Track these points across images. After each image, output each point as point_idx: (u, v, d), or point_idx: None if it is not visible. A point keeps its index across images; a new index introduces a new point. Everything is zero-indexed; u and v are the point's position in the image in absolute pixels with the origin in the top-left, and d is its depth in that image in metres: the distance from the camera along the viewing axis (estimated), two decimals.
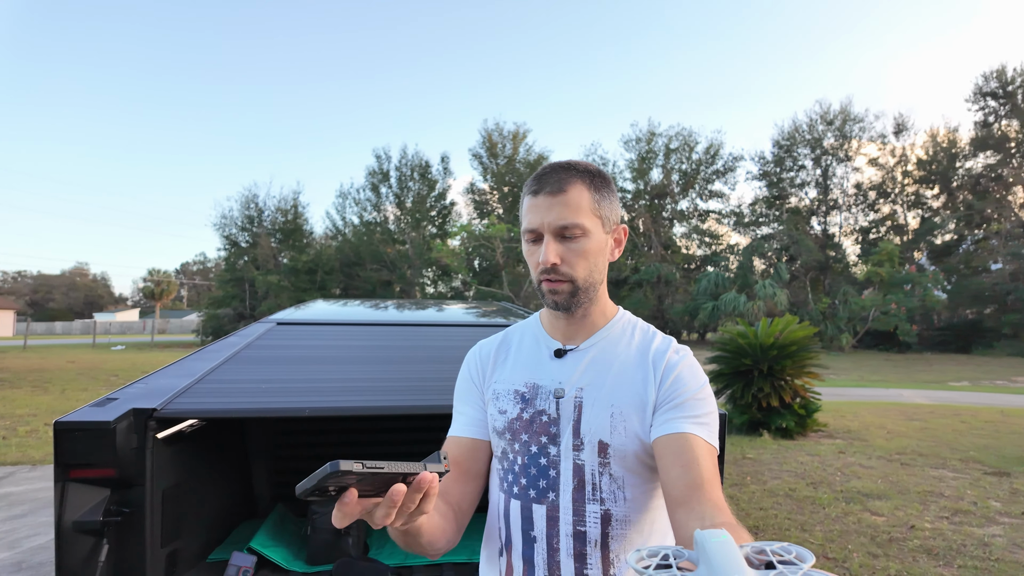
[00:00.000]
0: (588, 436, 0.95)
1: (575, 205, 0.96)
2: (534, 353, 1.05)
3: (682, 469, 0.87)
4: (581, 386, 0.98)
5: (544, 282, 0.98)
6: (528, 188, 1.00)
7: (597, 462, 0.95)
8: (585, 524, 0.94)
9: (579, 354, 1.02)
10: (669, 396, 0.96)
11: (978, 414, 8.85)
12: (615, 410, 0.96)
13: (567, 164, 1.00)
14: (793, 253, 29.75)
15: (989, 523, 4.19)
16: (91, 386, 11.82)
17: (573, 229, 0.96)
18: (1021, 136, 27.25)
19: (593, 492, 0.95)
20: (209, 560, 2.32)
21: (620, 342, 1.03)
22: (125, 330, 51.31)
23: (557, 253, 0.96)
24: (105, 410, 1.75)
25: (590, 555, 0.93)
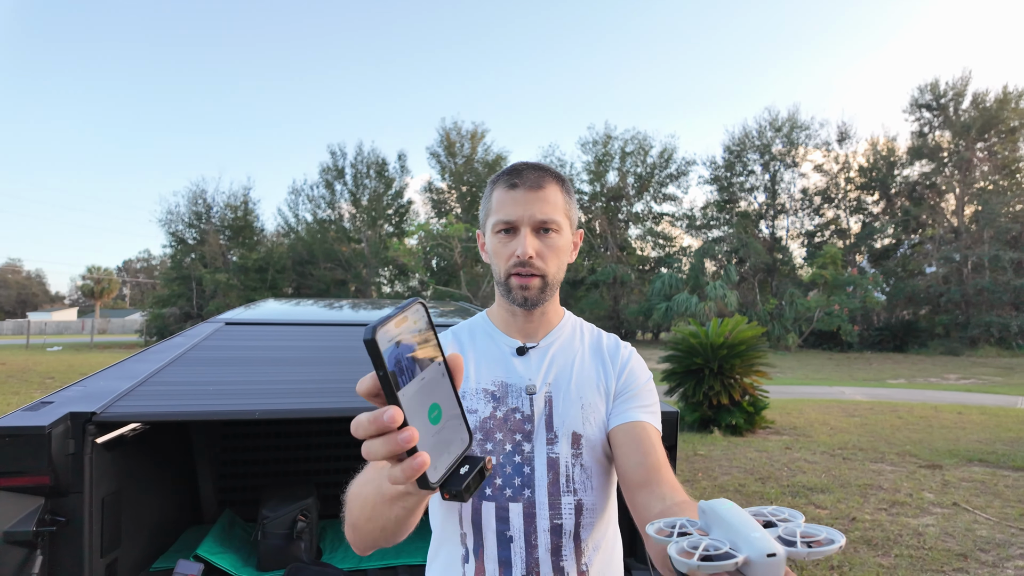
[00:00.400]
0: (562, 429, 0.98)
1: (553, 202, 1.00)
2: (494, 351, 1.05)
3: (642, 455, 0.92)
4: (549, 381, 1.02)
5: (515, 276, 0.99)
6: (503, 182, 1.01)
7: (571, 453, 0.98)
8: (561, 516, 0.96)
9: (541, 351, 1.05)
10: (625, 388, 1.03)
11: (913, 410, 9.31)
12: (585, 401, 1.00)
13: (540, 164, 1.03)
14: (742, 256, 30.67)
15: (923, 514, 4.41)
16: (23, 389, 11.21)
17: (551, 224, 0.99)
18: (953, 146, 28.80)
19: (567, 484, 0.97)
20: (152, 569, 2.23)
21: (574, 339, 1.08)
22: (62, 330, 48.89)
23: (533, 245, 0.97)
24: (39, 414, 1.66)
25: (565, 547, 0.96)
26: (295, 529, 2.38)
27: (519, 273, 0.98)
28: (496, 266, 1.02)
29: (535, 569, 0.95)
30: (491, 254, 1.03)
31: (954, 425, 7.95)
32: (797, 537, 0.51)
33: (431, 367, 0.52)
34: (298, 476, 3.03)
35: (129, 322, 51.95)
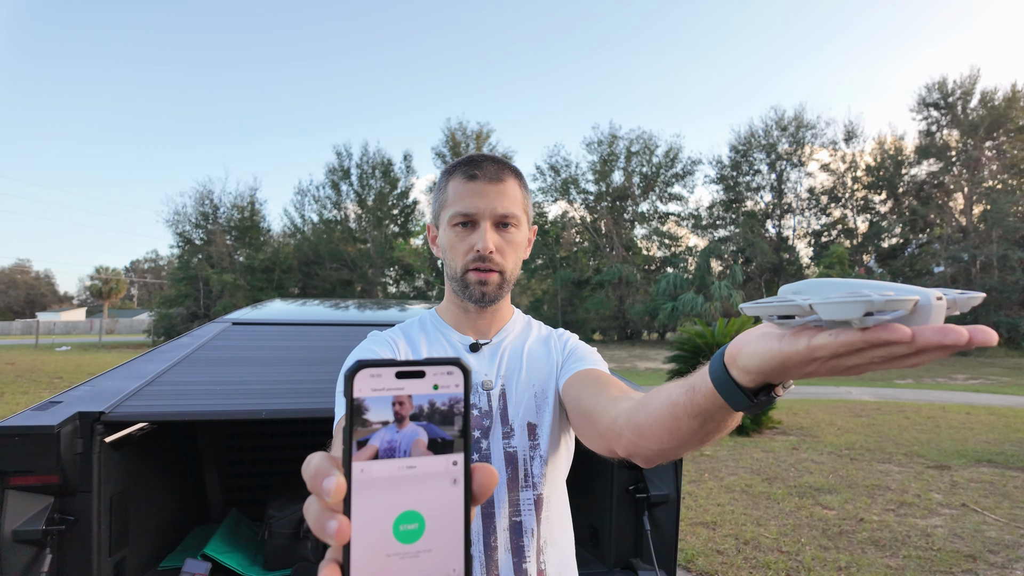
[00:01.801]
0: (516, 420, 0.97)
1: (512, 196, 0.97)
2: (446, 348, 1.02)
3: (604, 385, 0.90)
4: (503, 375, 1.00)
5: (473, 272, 0.96)
6: (460, 172, 0.97)
7: (528, 445, 0.97)
8: (520, 514, 0.94)
9: (494, 347, 1.03)
10: (569, 355, 1.03)
11: (920, 410, 9.25)
12: (537, 390, 0.99)
13: (497, 156, 1.01)
14: (749, 255, 30.55)
15: (931, 514, 4.38)
16: (32, 389, 11.29)
17: (511, 219, 0.97)
18: (961, 145, 28.61)
19: (525, 478, 0.96)
20: (160, 568, 2.24)
21: (524, 335, 1.08)
22: (70, 330, 49.23)
23: (494, 240, 0.95)
24: (48, 414, 1.67)
25: (527, 546, 0.94)
26: (302, 529, 2.38)
27: (478, 268, 0.96)
28: (452, 261, 0.98)
29: (495, 572, 0.92)
30: (445, 248, 0.99)
31: (962, 425, 7.89)
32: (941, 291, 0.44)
33: (435, 461, 0.36)
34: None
35: (137, 322, 52.25)
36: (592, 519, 2.21)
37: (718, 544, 3.85)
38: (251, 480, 2.99)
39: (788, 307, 0.46)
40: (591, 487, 2.21)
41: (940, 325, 0.41)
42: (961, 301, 0.44)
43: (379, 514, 0.34)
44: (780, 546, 3.80)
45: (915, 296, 0.42)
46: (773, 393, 0.54)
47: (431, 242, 1.07)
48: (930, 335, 0.41)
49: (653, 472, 2.01)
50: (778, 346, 0.48)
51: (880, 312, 0.41)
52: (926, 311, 0.42)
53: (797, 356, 0.46)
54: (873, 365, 0.45)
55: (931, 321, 0.42)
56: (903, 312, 0.41)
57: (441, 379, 0.36)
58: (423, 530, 0.35)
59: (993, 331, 0.41)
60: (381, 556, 0.34)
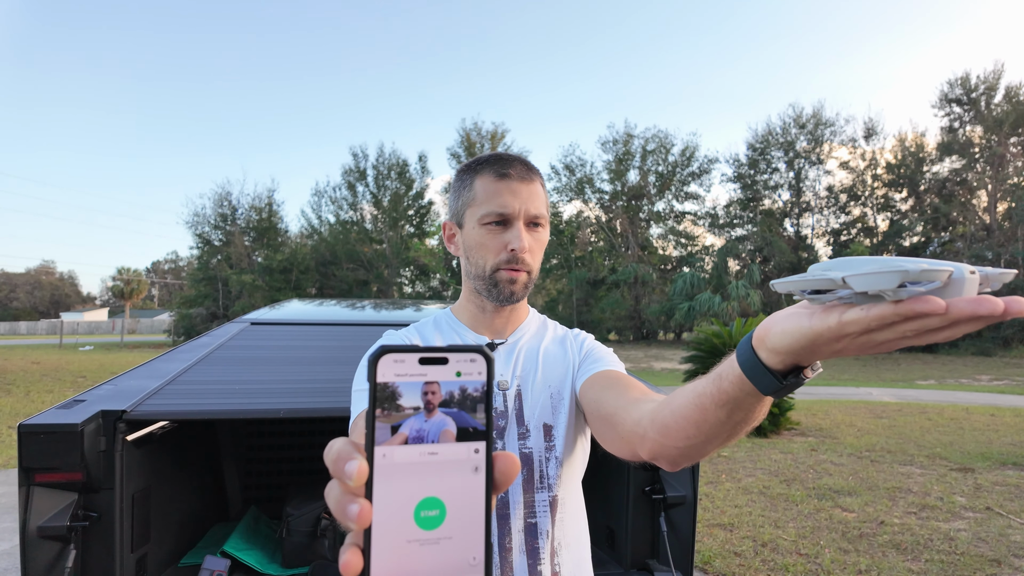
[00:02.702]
0: (532, 421, 0.96)
1: (541, 197, 0.97)
2: None
3: (624, 387, 0.88)
4: (518, 375, 1.00)
5: (505, 270, 0.95)
6: (490, 170, 0.96)
7: (543, 447, 0.96)
8: (535, 515, 0.94)
9: (510, 347, 1.02)
10: (587, 356, 1.02)
11: (943, 412, 9.09)
12: (553, 391, 0.99)
13: (526, 160, 0.99)
14: (766, 254, 30.23)
15: (954, 518, 4.30)
16: (57, 388, 11.51)
17: (541, 219, 0.97)
18: (984, 142, 28.07)
19: (541, 480, 0.95)
20: (181, 564, 2.27)
21: (540, 334, 1.07)
22: (93, 330, 50.11)
23: (526, 239, 0.94)
24: (72, 412, 1.70)
25: (542, 548, 0.93)
26: (319, 527, 2.40)
27: (512, 268, 0.95)
28: (480, 259, 0.96)
29: (509, 573, 0.91)
30: (474, 246, 0.97)
31: (986, 427, 7.74)
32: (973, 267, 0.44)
33: (458, 448, 0.35)
34: (322, 474, 3.06)
35: (158, 322, 53.05)
36: (609, 520, 2.21)
37: (735, 546, 3.82)
38: (270, 478, 3.02)
39: (821, 281, 0.46)
40: (608, 488, 2.20)
41: (974, 296, 0.41)
42: (993, 277, 0.44)
43: (400, 500, 0.34)
44: (799, 549, 3.76)
45: (949, 268, 0.41)
46: (802, 375, 0.54)
47: (447, 240, 1.05)
48: (964, 305, 0.40)
49: (669, 473, 2.00)
50: (808, 323, 0.47)
51: (914, 284, 0.41)
52: (959, 284, 0.42)
53: (828, 332, 0.46)
54: (904, 340, 0.45)
55: (965, 290, 0.42)
56: (937, 284, 0.41)
57: (464, 366, 0.36)
58: (444, 517, 0.35)
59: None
60: (402, 542, 0.33)
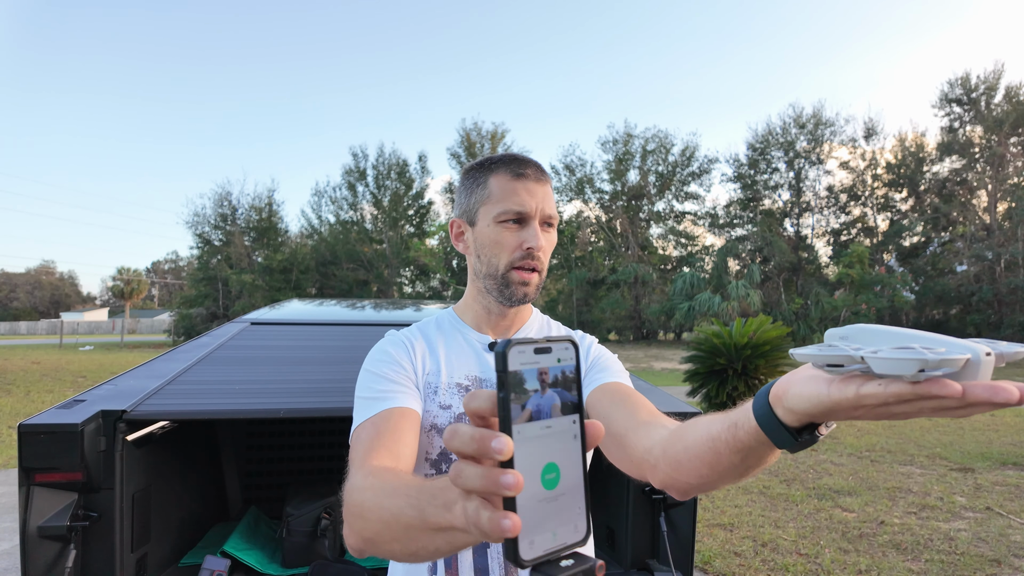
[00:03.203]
0: None
1: (552, 198, 0.98)
2: (463, 348, 1.01)
3: (633, 406, 0.88)
4: None
5: (518, 270, 0.95)
6: (505, 169, 0.96)
7: None
8: None
9: None
10: (593, 365, 1.01)
11: None
12: None
13: (536, 161, 0.99)
14: (766, 254, 30.22)
15: (954, 518, 4.30)
16: (57, 388, 11.51)
17: (553, 220, 0.98)
18: (984, 142, 28.06)
19: None
20: (181, 564, 2.27)
21: (541, 334, 1.06)
22: (93, 330, 50.12)
23: (542, 239, 0.95)
24: (72, 412, 1.70)
25: None
26: (319, 527, 2.40)
27: (523, 267, 0.95)
28: (493, 257, 0.96)
29: (512, 571, 0.91)
30: (488, 244, 0.96)
31: (987, 427, 7.74)
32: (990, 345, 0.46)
33: (564, 420, 0.43)
34: (322, 474, 3.06)
35: (157, 322, 53.05)
36: (609, 520, 2.21)
37: (735, 546, 3.82)
38: (270, 478, 3.03)
39: (840, 357, 0.48)
40: (607, 488, 2.20)
41: (990, 383, 0.43)
42: (1008, 355, 0.46)
43: (531, 467, 0.41)
44: (799, 548, 3.76)
45: (966, 354, 0.43)
46: (817, 432, 0.55)
47: (454, 238, 1.04)
48: (980, 392, 0.42)
49: None
50: (827, 391, 0.49)
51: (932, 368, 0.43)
52: (975, 367, 0.44)
53: (846, 403, 0.48)
54: (921, 413, 0.46)
55: (980, 376, 0.44)
56: (954, 370, 0.43)
57: (561, 353, 0.43)
58: (559, 478, 0.43)
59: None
60: (534, 502, 0.41)
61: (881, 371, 0.45)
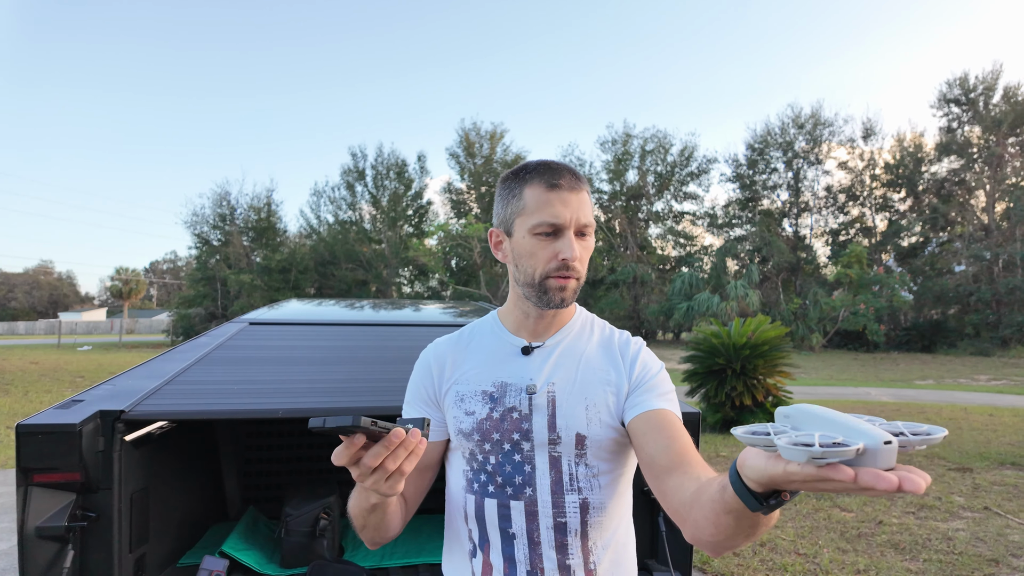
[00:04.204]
0: (565, 430, 0.97)
1: (588, 205, 1.00)
2: (497, 351, 1.05)
3: (667, 440, 0.90)
4: (553, 381, 1.00)
5: (556, 278, 0.97)
6: (540, 180, 0.98)
7: (574, 454, 0.97)
8: (565, 515, 0.96)
9: (547, 350, 1.03)
10: (639, 381, 1.01)
11: (941, 412, 9.11)
12: (589, 402, 0.98)
13: (572, 168, 1.01)
14: (765, 254, 30.26)
15: (952, 518, 4.31)
16: (55, 388, 11.50)
17: (589, 228, 1.00)
18: (983, 142, 28.11)
19: (571, 482, 0.97)
20: (179, 565, 2.27)
21: (582, 337, 1.07)
22: (92, 330, 50.05)
23: (576, 248, 0.97)
24: (70, 412, 1.70)
25: (571, 545, 0.96)
26: (318, 527, 2.40)
27: (563, 275, 0.97)
28: (529, 267, 0.99)
29: (539, 566, 0.95)
30: (524, 255, 1.00)
31: (985, 427, 7.76)
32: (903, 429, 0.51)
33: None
34: (321, 475, 3.06)
35: (156, 322, 52.98)
36: None
37: None
38: (268, 478, 3.02)
39: (760, 439, 0.55)
40: None
41: (874, 472, 0.48)
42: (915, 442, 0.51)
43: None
44: (797, 548, 3.76)
45: (859, 444, 0.49)
46: (781, 497, 0.61)
47: (494, 247, 1.08)
48: (866, 478, 0.48)
49: None
50: (764, 465, 0.56)
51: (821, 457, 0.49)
52: (874, 454, 0.49)
53: (779, 477, 0.54)
54: (845, 492, 0.51)
55: (879, 462, 0.49)
56: (848, 457, 0.49)
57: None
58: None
59: (923, 480, 0.48)
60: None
61: (784, 455, 0.51)
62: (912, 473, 0.49)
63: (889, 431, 0.51)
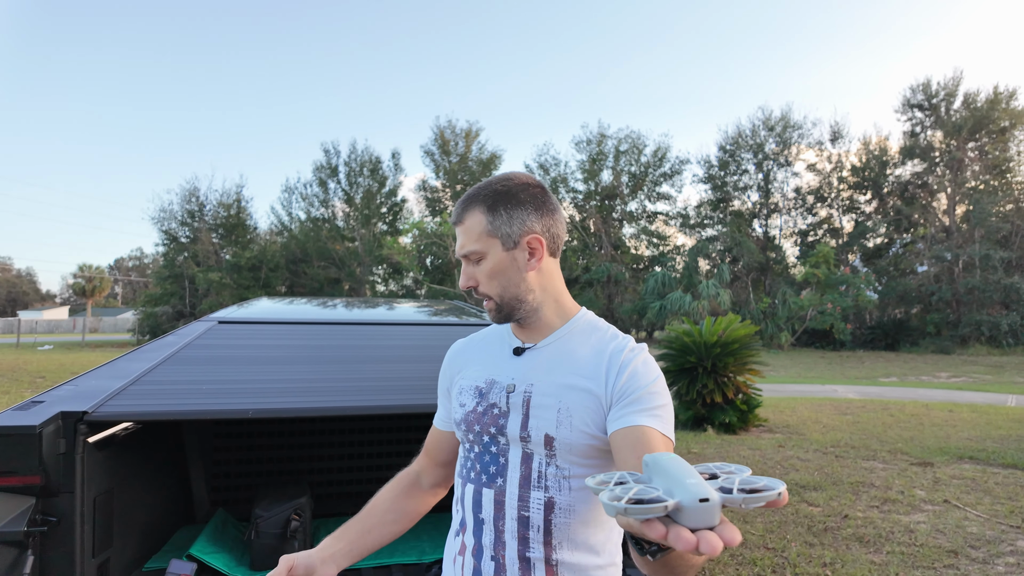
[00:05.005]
0: (535, 430, 1.00)
1: (470, 232, 1.05)
2: (497, 352, 1.13)
3: (637, 461, 0.90)
4: (532, 382, 1.03)
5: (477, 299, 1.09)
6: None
7: (544, 453, 1.00)
8: (529, 510, 0.99)
9: (535, 352, 1.07)
10: (624, 392, 0.98)
11: (904, 408, 9.37)
12: (561, 406, 1.00)
13: (472, 193, 1.08)
14: (736, 254, 30.76)
15: (914, 511, 4.44)
16: (13, 388, 11.13)
17: (472, 255, 1.06)
18: (944, 146, 28.97)
19: (538, 480, 1.00)
20: (145, 569, 2.22)
21: (576, 341, 1.07)
22: (53, 329, 48.56)
23: (470, 276, 1.07)
24: (29, 414, 1.64)
25: (533, 539, 0.99)
26: (289, 528, 2.37)
27: (477, 299, 1.10)
28: None
29: (501, 553, 1.00)
30: None
31: (945, 423, 8.00)
32: (735, 485, 0.52)
33: None
34: (292, 475, 3.02)
35: (121, 321, 51.63)
36: None
37: None
38: (238, 480, 2.97)
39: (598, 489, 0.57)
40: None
41: (676, 531, 0.50)
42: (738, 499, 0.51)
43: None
44: (766, 543, 3.84)
45: (666, 502, 0.50)
46: (662, 546, 0.63)
47: None
48: (670, 536, 0.51)
49: None
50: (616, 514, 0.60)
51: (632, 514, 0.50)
52: (689, 511, 0.50)
53: (625, 526, 0.55)
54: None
55: (693, 520, 0.50)
56: (658, 514, 0.50)
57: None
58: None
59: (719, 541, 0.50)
60: None
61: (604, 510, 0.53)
62: (722, 533, 0.51)
63: (726, 486, 0.52)
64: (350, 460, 3.11)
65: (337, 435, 3.12)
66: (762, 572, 3.42)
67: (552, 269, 1.09)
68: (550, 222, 1.07)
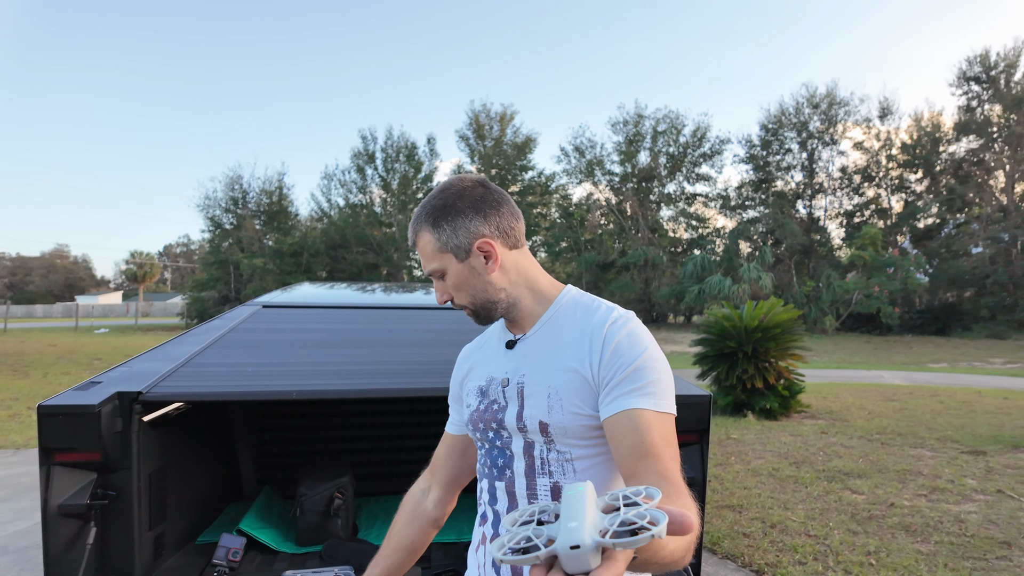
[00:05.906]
0: (530, 419, 1.01)
1: (425, 252, 1.08)
2: (494, 349, 1.14)
3: (628, 448, 0.91)
4: (524, 372, 1.04)
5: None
6: None
7: (542, 440, 1.01)
8: (538, 497, 1.01)
9: (524, 342, 1.08)
10: (610, 373, 0.95)
11: (955, 395, 9.04)
12: (551, 390, 0.99)
13: (416, 213, 1.09)
14: (778, 236, 29.95)
15: (965, 500, 4.30)
16: (73, 370, 11.70)
17: (434, 273, 1.08)
18: (1003, 121, 27.50)
19: (542, 467, 1.01)
20: (198, 542, 2.32)
21: (562, 323, 1.05)
22: (107, 313, 50.70)
23: (442, 292, 1.10)
24: (89, 393, 1.73)
25: None
26: (332, 506, 2.44)
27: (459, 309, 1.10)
28: None
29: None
30: None
31: (999, 410, 7.70)
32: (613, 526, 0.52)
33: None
34: (334, 455, 3.10)
35: (171, 305, 53.57)
36: None
37: (744, 527, 3.84)
38: (282, 459, 3.07)
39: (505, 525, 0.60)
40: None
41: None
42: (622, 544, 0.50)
43: None
44: (807, 530, 3.78)
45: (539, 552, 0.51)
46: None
47: None
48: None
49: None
50: None
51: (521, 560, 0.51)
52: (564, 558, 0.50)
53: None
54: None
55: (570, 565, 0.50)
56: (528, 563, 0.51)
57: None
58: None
59: None
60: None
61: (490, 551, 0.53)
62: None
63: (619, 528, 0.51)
64: (391, 441, 3.18)
65: (378, 416, 3.19)
66: (803, 559, 3.37)
67: (517, 261, 1.06)
68: (496, 219, 1.04)
